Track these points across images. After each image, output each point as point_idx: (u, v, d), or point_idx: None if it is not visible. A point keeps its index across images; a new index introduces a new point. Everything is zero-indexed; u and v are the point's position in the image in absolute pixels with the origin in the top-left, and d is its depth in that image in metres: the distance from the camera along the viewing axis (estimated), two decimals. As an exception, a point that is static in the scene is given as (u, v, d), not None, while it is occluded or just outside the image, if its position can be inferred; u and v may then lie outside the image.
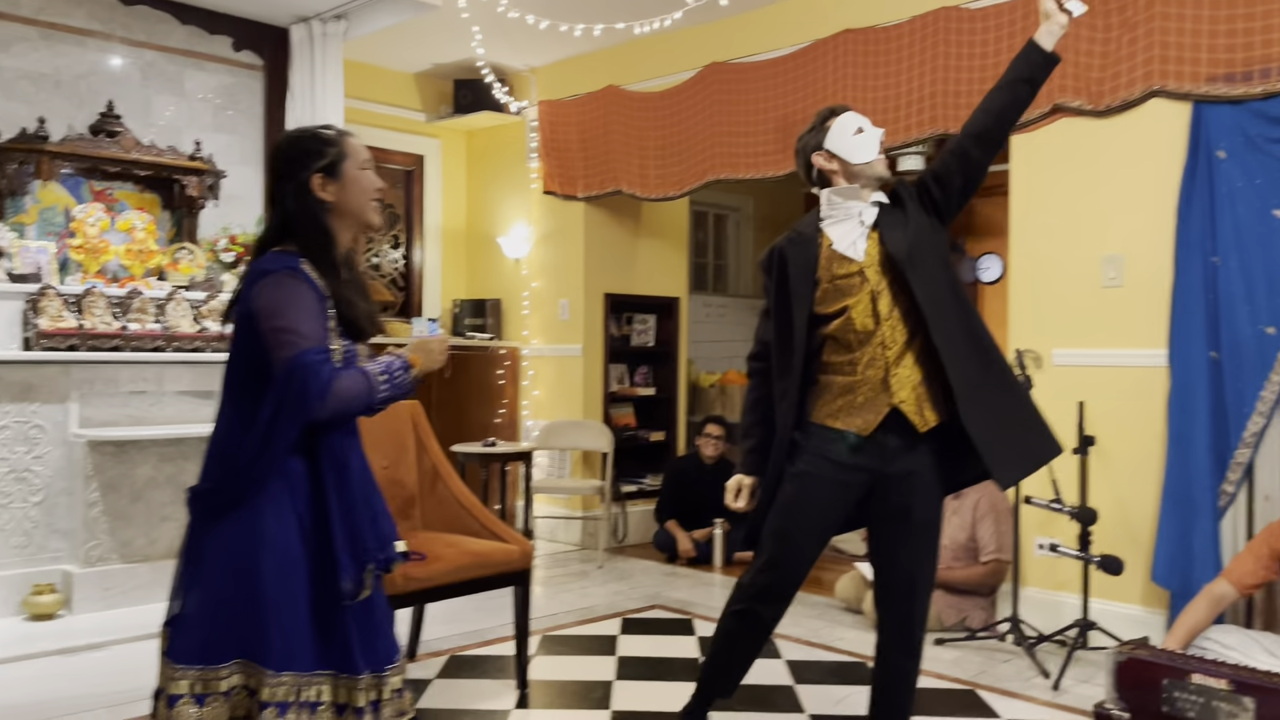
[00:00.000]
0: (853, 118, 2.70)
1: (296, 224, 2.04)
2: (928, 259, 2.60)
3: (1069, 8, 2.59)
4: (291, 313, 1.93)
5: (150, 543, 4.65)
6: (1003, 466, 2.55)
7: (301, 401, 1.91)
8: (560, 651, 4.15)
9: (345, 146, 2.09)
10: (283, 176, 2.06)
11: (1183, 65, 3.97)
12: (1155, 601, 4.09)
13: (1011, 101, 2.62)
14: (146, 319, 4.75)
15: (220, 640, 1.97)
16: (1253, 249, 3.82)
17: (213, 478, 2.02)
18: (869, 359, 2.60)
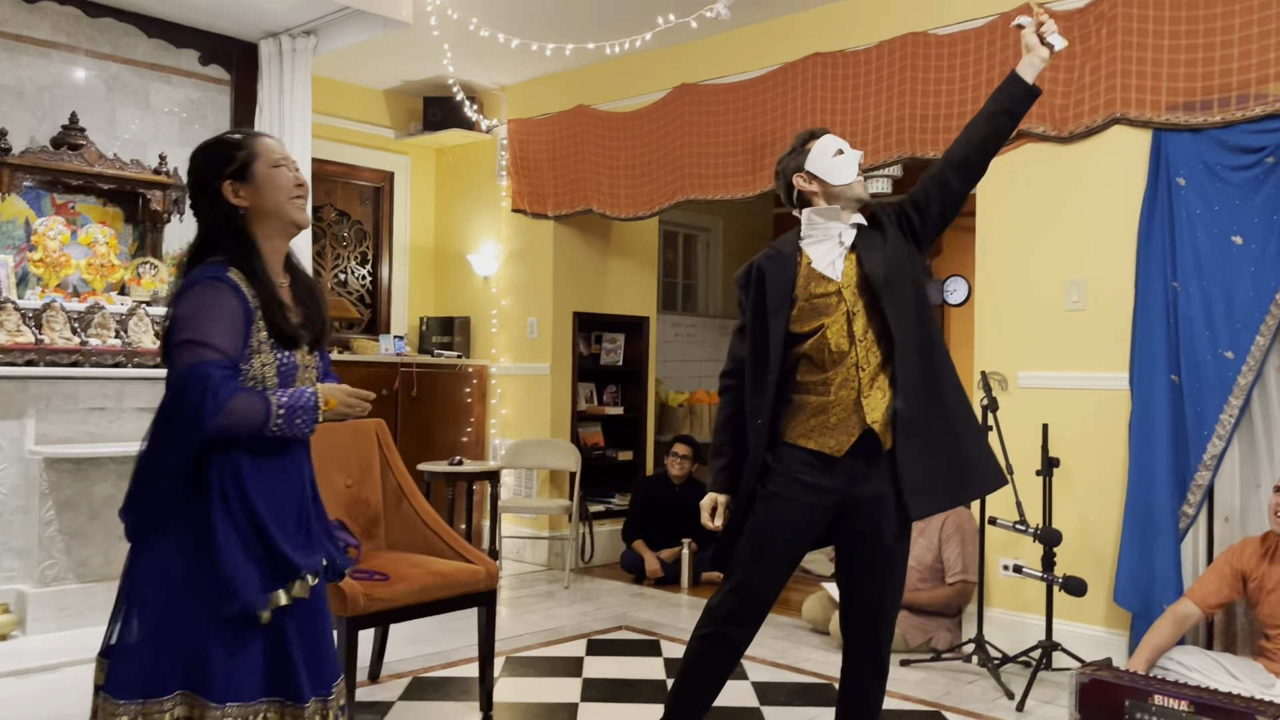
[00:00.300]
0: (832, 140, 2.74)
1: (216, 234, 1.99)
2: (903, 283, 2.63)
3: (1050, 41, 2.63)
4: (203, 323, 1.87)
5: (108, 562, 4.56)
6: (917, 497, 2.58)
7: (194, 414, 1.82)
8: (525, 673, 4.11)
9: (254, 147, 2.02)
10: (197, 189, 2.02)
11: (1143, 94, 4.04)
12: (1118, 623, 4.12)
13: (992, 133, 2.67)
14: (107, 334, 4.68)
15: (161, 671, 1.89)
16: (1212, 274, 3.88)
17: (130, 495, 1.95)
18: (842, 379, 2.61)
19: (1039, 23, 2.64)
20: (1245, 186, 3.82)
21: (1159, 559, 3.91)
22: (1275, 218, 3.75)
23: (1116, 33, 4.09)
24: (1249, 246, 3.80)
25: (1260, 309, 3.77)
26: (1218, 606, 3.57)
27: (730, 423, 2.78)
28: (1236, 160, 3.84)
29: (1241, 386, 3.81)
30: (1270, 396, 3.90)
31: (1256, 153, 3.79)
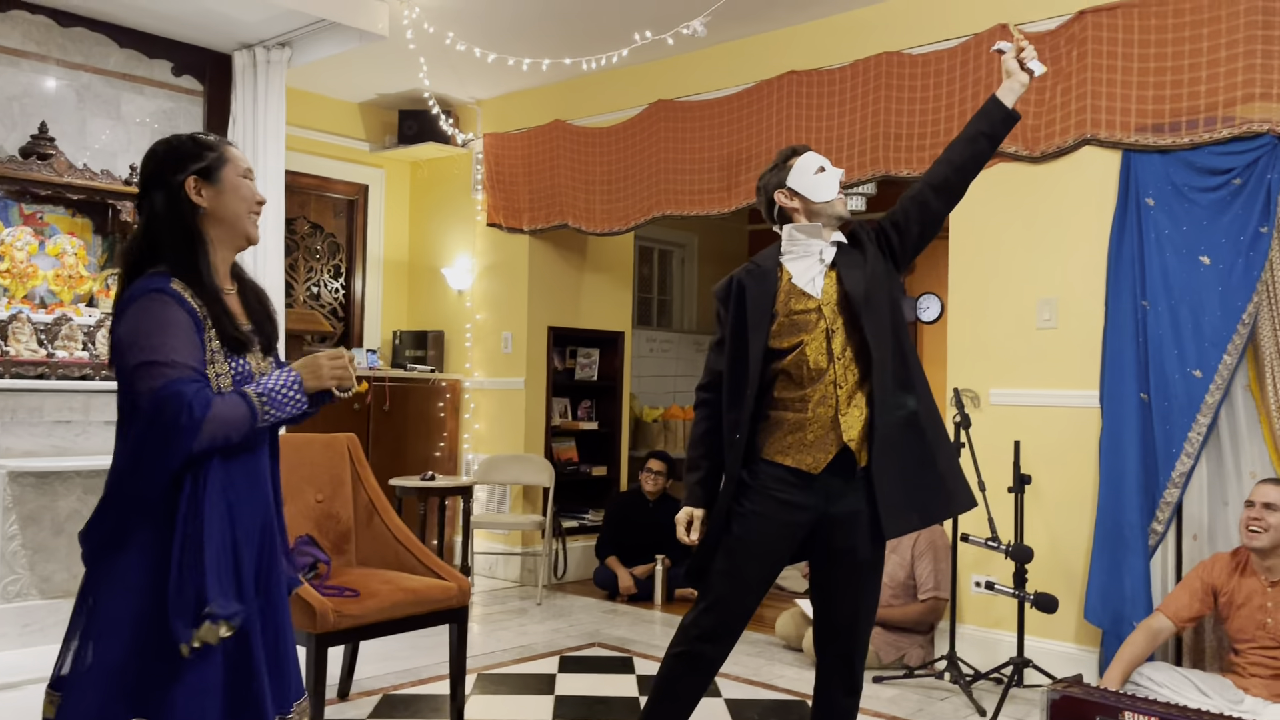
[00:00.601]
0: (814, 157, 2.75)
1: (164, 232, 1.89)
2: (881, 302, 2.65)
3: (1030, 67, 2.66)
4: (157, 339, 1.77)
5: (73, 578, 4.49)
6: (892, 517, 2.59)
7: (174, 435, 1.74)
8: (497, 691, 4.07)
9: (225, 152, 1.97)
10: (153, 181, 1.93)
11: (1113, 115, 4.10)
12: (1088, 639, 4.14)
13: (972, 156, 2.69)
14: (74, 346, 4.62)
15: (116, 702, 1.79)
16: (1180, 294, 3.92)
17: (96, 513, 1.86)
18: (820, 397, 2.62)
19: (1019, 48, 2.67)
20: (1213, 208, 3.87)
21: (1129, 576, 3.94)
22: (1242, 238, 3.80)
23: (1087, 55, 4.14)
24: (1216, 267, 3.85)
25: (1228, 328, 3.81)
26: (1190, 620, 3.60)
27: (707, 436, 2.77)
28: (1204, 181, 3.89)
29: (1209, 405, 3.85)
30: (1238, 415, 3.94)
31: (1224, 174, 3.85)
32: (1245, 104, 3.80)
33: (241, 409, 1.82)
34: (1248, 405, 3.93)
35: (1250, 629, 3.49)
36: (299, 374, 1.91)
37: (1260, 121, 3.76)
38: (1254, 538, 3.47)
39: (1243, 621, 3.50)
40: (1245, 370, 3.92)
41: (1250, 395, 3.93)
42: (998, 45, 2.73)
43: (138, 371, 1.77)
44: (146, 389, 1.76)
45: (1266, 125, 3.74)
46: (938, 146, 4.58)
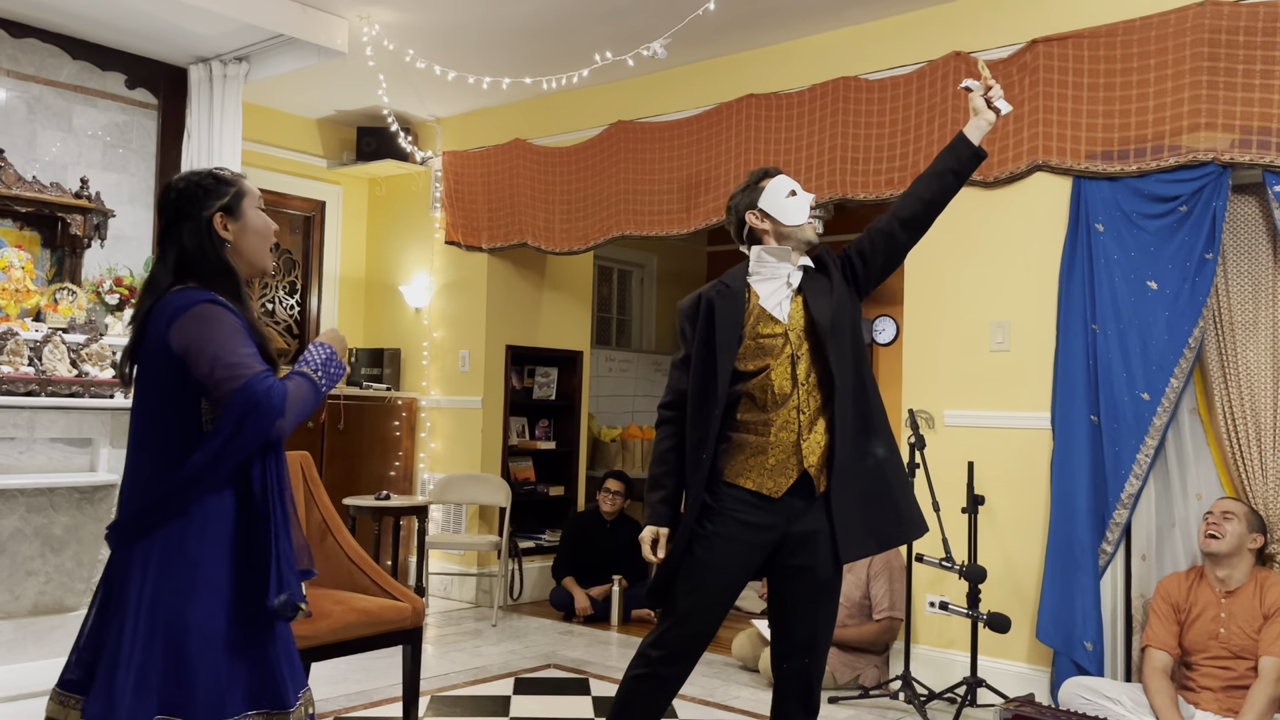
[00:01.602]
0: (786, 181, 2.77)
1: (198, 263, 2.00)
2: (845, 331, 2.67)
3: (997, 105, 2.68)
4: (229, 343, 1.89)
5: (14, 599, 4.37)
6: (849, 543, 2.62)
7: (265, 425, 1.87)
8: (451, 713, 4.02)
9: (243, 186, 2.08)
10: (181, 215, 2.02)
11: (1064, 142, 4.18)
12: (1040, 659, 4.18)
13: (940, 191, 2.72)
14: (20, 361, 4.51)
15: (143, 700, 1.84)
16: (1129, 318, 4.00)
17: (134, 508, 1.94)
18: (783, 421, 2.63)
19: (986, 87, 2.69)
20: (1160, 234, 3.96)
21: (1080, 595, 3.99)
22: (1188, 264, 3.89)
23: (1039, 83, 4.23)
24: (1163, 291, 3.93)
25: (1174, 352, 3.89)
26: (1178, 643, 3.66)
27: (670, 454, 2.75)
28: (1152, 209, 3.98)
29: (1157, 427, 3.92)
30: (1184, 437, 4.02)
31: (1170, 201, 3.94)
32: (1191, 133, 3.89)
33: (306, 386, 1.97)
34: (1194, 428, 4.02)
35: (1204, 640, 3.57)
36: (332, 345, 2.07)
37: (1206, 151, 3.85)
38: (1210, 543, 3.59)
39: (1197, 633, 3.58)
40: (1192, 393, 4.00)
41: (1198, 418, 4.01)
42: (966, 83, 2.74)
43: (213, 370, 1.87)
44: (228, 390, 1.85)
45: (1212, 154, 3.84)
46: (894, 170, 4.64)
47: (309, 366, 2.00)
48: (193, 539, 1.90)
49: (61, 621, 4.47)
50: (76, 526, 4.57)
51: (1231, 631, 3.52)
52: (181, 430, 1.93)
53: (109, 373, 4.79)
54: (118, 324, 5.10)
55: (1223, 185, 3.84)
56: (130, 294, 5.14)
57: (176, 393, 1.93)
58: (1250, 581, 3.58)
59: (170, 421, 1.94)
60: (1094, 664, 3.93)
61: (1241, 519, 3.60)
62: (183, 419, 1.93)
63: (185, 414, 1.93)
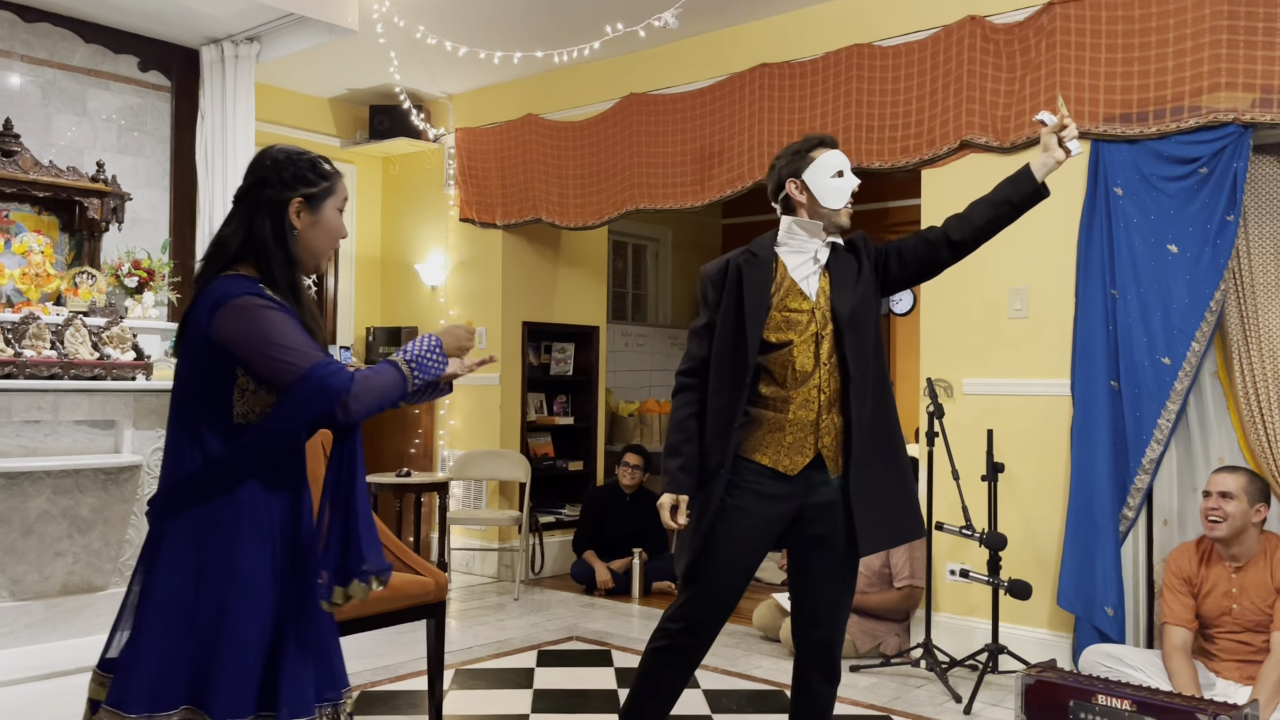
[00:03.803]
0: (837, 159, 2.69)
1: (262, 241, 1.96)
2: (866, 323, 2.65)
3: (1069, 146, 2.59)
4: (282, 333, 1.87)
5: (43, 579, 4.44)
6: (867, 536, 2.63)
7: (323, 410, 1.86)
8: (475, 685, 4.07)
9: (335, 184, 2.05)
10: (259, 186, 1.98)
11: (1082, 105, 4.13)
12: (1061, 625, 4.18)
13: (994, 220, 2.65)
14: (42, 345, 4.55)
15: (169, 682, 1.84)
16: (1148, 282, 3.97)
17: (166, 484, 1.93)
18: (803, 399, 2.62)
19: (1061, 125, 2.60)
20: (1180, 196, 3.92)
21: (1101, 562, 3.98)
22: (1209, 227, 3.85)
23: (1055, 46, 4.18)
24: (1184, 255, 3.90)
25: (1195, 316, 3.86)
26: (1194, 618, 3.60)
27: (689, 421, 2.72)
28: (1171, 171, 3.94)
29: (1178, 391, 3.89)
30: (1205, 401, 3.99)
31: (1191, 163, 3.89)
32: (1211, 94, 3.84)
33: (391, 373, 1.95)
34: (1215, 392, 3.99)
35: (1217, 614, 3.53)
36: (439, 338, 2.03)
37: (1226, 111, 3.81)
38: (1214, 528, 3.49)
39: (1210, 608, 3.54)
40: (1213, 357, 3.97)
41: (1218, 382, 3.99)
42: (1041, 115, 2.65)
43: (271, 366, 1.86)
44: (290, 377, 1.85)
45: (1232, 115, 3.79)
46: (909, 138, 4.60)
47: (403, 355, 1.98)
48: (228, 522, 1.89)
49: (90, 601, 4.54)
50: (103, 507, 4.63)
51: (1244, 607, 3.48)
52: (210, 414, 1.92)
53: (130, 355, 4.83)
54: (137, 307, 5.14)
55: (1244, 146, 3.79)
56: (149, 277, 5.17)
57: (210, 377, 1.92)
58: (1260, 554, 3.48)
59: (201, 403, 1.93)
60: (1115, 629, 3.93)
61: (1241, 495, 3.45)
62: (212, 403, 1.92)
63: (216, 399, 1.92)
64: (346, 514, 1.94)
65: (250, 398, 1.94)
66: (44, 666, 4.08)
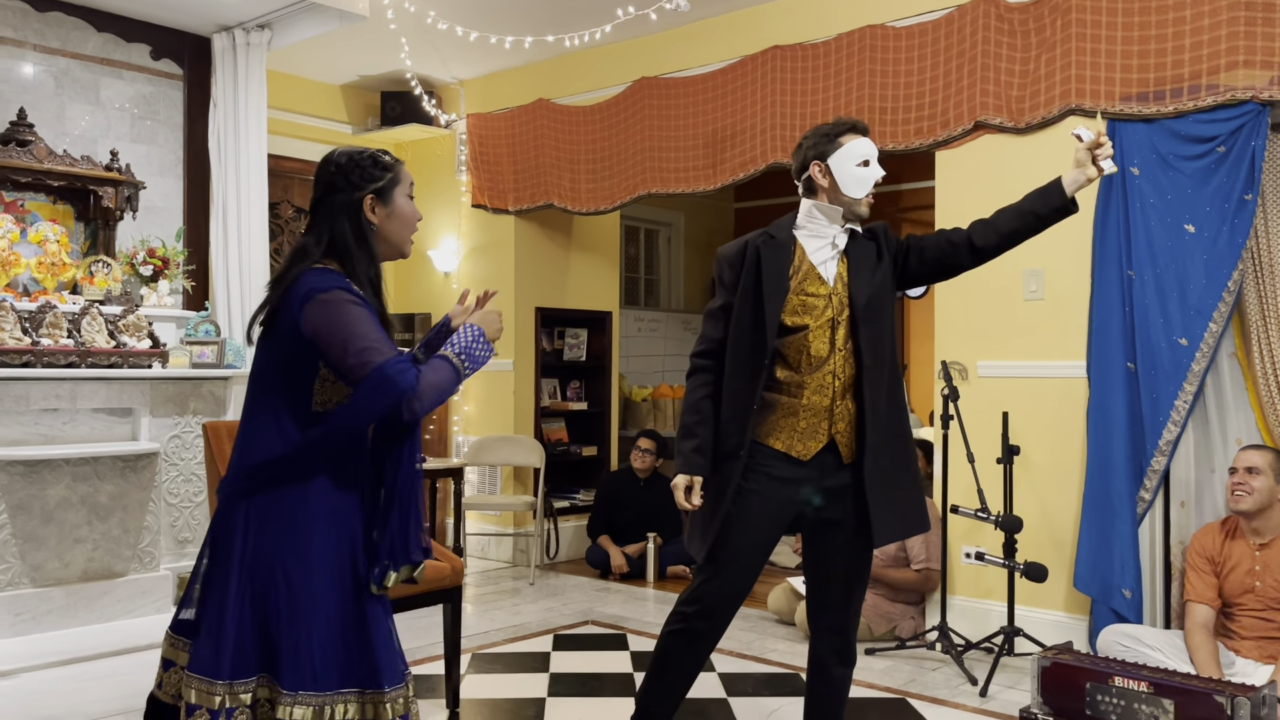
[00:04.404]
0: (865, 147, 2.66)
1: (343, 242, 2.06)
2: (881, 315, 2.64)
3: (1102, 165, 2.54)
4: (361, 328, 1.95)
5: (63, 566, 4.48)
6: (881, 527, 2.62)
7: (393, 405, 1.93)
8: (492, 670, 4.09)
9: (399, 173, 2.13)
10: (334, 189, 2.08)
11: (1098, 85, 4.10)
12: (1078, 607, 4.18)
13: (1018, 230, 2.62)
14: (59, 334, 4.58)
15: (243, 653, 1.96)
16: (1165, 262, 3.94)
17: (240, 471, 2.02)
18: (817, 385, 2.61)
19: (1097, 143, 2.55)
20: (1197, 176, 3.88)
21: (1118, 544, 3.97)
22: (1227, 206, 3.81)
23: (1070, 24, 4.14)
24: (1201, 234, 3.87)
25: (1213, 296, 3.83)
26: (1218, 596, 3.60)
27: (703, 403, 2.71)
28: (1188, 150, 3.90)
29: (1195, 372, 3.87)
30: (1223, 382, 3.97)
31: (1208, 142, 3.86)
32: (1229, 71, 3.80)
33: (447, 369, 2.01)
34: (1233, 372, 3.96)
35: (1240, 592, 3.53)
36: (481, 328, 2.09)
37: (1244, 89, 3.77)
38: (1239, 500, 3.52)
39: (1233, 585, 3.55)
40: (1231, 338, 3.94)
41: (1236, 363, 3.96)
42: (1078, 130, 2.59)
43: (347, 358, 1.93)
44: (363, 372, 1.92)
45: (1250, 92, 3.75)
46: (923, 120, 4.58)
47: (453, 349, 2.04)
48: (300, 506, 1.98)
49: (111, 587, 4.58)
50: (121, 494, 4.66)
51: (1267, 584, 3.49)
52: (290, 404, 2.01)
53: (146, 343, 4.86)
54: (152, 295, 5.16)
55: (1262, 124, 3.76)
56: (164, 265, 5.19)
57: (293, 369, 2.01)
58: None
59: (282, 393, 2.02)
60: (1133, 612, 3.92)
61: (1268, 471, 3.50)
62: (293, 394, 2.01)
63: (297, 389, 2.01)
64: (408, 505, 2.03)
65: (330, 388, 2.03)
66: (66, 652, 4.12)
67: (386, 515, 2.02)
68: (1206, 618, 3.53)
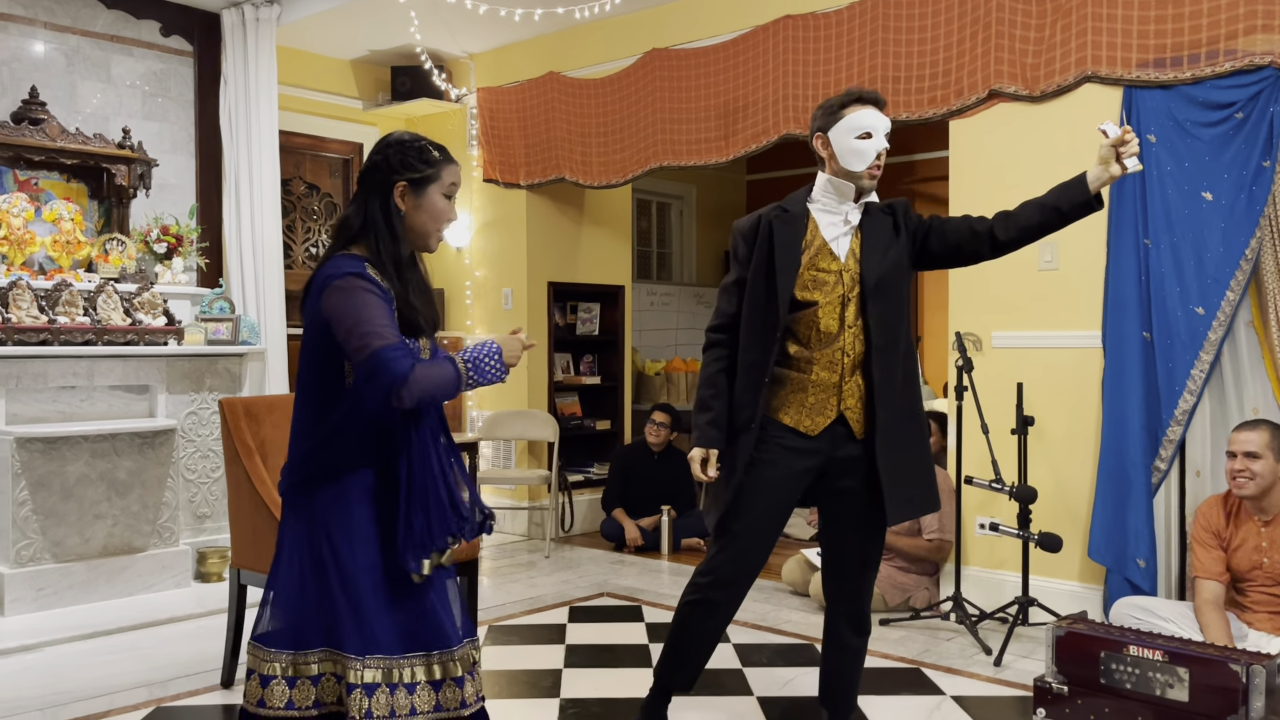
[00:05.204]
0: (867, 118, 2.62)
1: (374, 223, 2.10)
2: (893, 292, 2.62)
3: (1126, 163, 2.48)
4: (365, 313, 1.98)
5: (84, 541, 4.53)
6: (895, 506, 2.63)
7: (382, 392, 1.96)
8: (508, 641, 4.12)
9: (441, 171, 2.15)
10: (375, 170, 2.12)
11: (1114, 51, 4.05)
12: (1092, 577, 4.18)
13: (1040, 224, 2.59)
14: (75, 312, 4.61)
15: (305, 626, 2.04)
16: (1182, 231, 3.91)
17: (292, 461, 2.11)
18: (826, 361, 2.62)
19: (1123, 140, 2.48)
20: (1215, 143, 3.84)
21: (1132, 514, 3.97)
22: (1244, 173, 3.78)
23: (1087, -10, 4.09)
24: (1219, 202, 3.83)
25: (1230, 264, 3.80)
26: (1226, 570, 3.58)
27: (718, 377, 2.73)
28: (1207, 116, 3.86)
29: (1212, 342, 3.85)
30: (1240, 351, 3.94)
31: (1226, 108, 3.81)
32: (1247, 36, 3.75)
33: (449, 370, 2.04)
34: (1250, 341, 3.93)
35: (1249, 568, 3.51)
36: (500, 347, 2.10)
37: (1262, 54, 3.72)
38: (1242, 487, 3.44)
39: (1240, 562, 3.52)
40: (1248, 306, 3.91)
41: (1253, 331, 3.93)
42: (1104, 126, 2.54)
43: (352, 341, 1.98)
44: (358, 359, 1.97)
45: (1269, 57, 3.70)
46: (936, 89, 4.53)
47: (462, 356, 2.07)
48: (338, 489, 2.05)
49: (131, 562, 4.63)
50: (140, 470, 4.70)
51: (1275, 560, 3.45)
52: (324, 389, 2.07)
53: (161, 321, 4.88)
54: (167, 272, 5.19)
55: (1280, 89, 3.71)
56: (178, 242, 5.21)
57: (322, 355, 2.06)
58: None
59: (317, 380, 2.09)
60: (1147, 581, 3.92)
61: (1266, 452, 3.40)
62: (326, 379, 2.06)
63: (329, 374, 2.06)
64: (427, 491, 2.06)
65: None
66: (88, 626, 4.17)
67: (409, 505, 2.05)
68: (1215, 594, 3.50)
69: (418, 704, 2.02)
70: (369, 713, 1.97)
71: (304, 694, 2.04)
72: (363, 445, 2.06)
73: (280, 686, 2.03)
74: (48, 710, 3.32)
